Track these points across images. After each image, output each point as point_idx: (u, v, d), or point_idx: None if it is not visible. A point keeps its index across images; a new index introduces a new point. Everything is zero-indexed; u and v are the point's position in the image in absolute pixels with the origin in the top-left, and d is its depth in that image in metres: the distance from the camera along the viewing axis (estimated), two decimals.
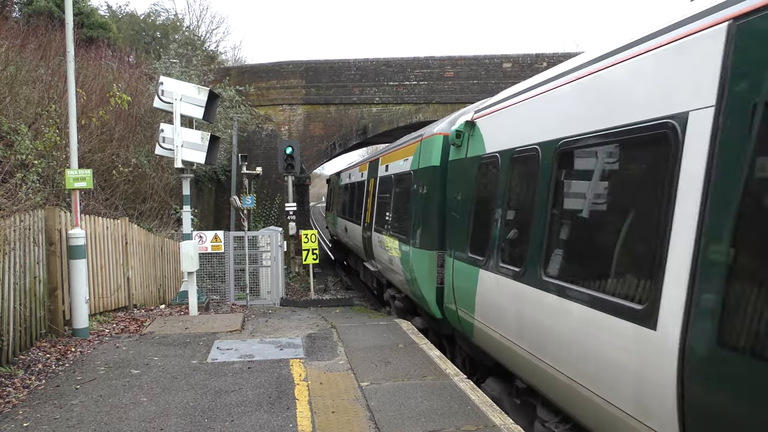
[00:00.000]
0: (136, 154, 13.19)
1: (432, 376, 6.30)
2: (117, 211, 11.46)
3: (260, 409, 5.33)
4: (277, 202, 20.69)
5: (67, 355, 7.03)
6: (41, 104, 10.51)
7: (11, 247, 6.41)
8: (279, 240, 13.13)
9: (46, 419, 5.07)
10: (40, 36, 13.61)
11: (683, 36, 3.38)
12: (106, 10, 25.43)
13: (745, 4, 2.95)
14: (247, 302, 11.71)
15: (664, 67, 3.53)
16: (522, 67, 20.96)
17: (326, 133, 22.26)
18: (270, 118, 22.06)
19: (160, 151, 9.62)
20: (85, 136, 11.00)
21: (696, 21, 3.29)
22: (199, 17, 31.54)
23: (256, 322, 9.70)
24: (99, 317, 8.89)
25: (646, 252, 3.48)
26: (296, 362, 6.92)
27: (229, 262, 12.26)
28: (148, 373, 6.43)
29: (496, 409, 5.31)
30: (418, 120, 21.20)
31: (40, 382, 6.02)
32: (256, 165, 19.51)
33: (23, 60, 11.49)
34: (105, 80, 13.93)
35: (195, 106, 9.55)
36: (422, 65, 21.75)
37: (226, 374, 6.41)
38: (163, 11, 28.98)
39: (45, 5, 17.82)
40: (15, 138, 9.18)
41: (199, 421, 5.05)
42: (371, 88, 21.82)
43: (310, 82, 21.91)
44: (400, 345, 7.77)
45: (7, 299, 6.23)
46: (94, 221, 8.97)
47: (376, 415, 5.16)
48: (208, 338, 8.09)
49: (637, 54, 3.82)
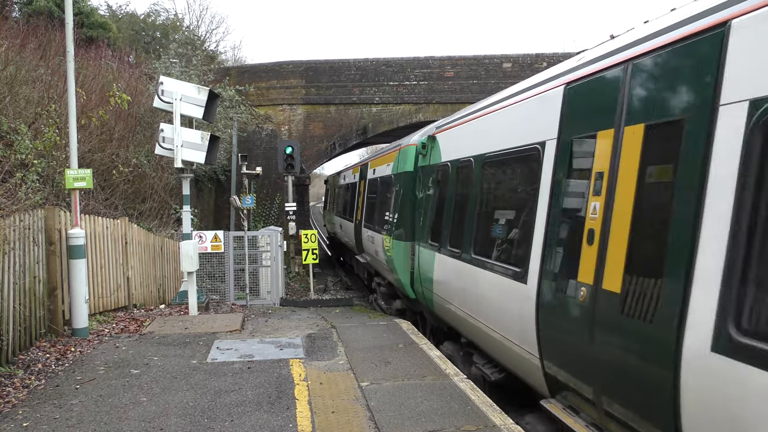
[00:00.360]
0: (136, 154, 13.19)
1: (432, 376, 6.31)
2: (117, 211, 11.45)
3: (260, 409, 5.33)
4: (276, 202, 20.67)
5: (67, 354, 7.03)
6: (41, 104, 10.51)
7: (11, 246, 6.41)
8: (279, 240, 13.12)
9: (45, 419, 5.06)
10: (40, 36, 13.60)
11: (543, 91, 5.19)
12: (105, 10, 25.42)
13: (572, 75, 4.69)
14: (247, 302, 11.70)
15: (535, 110, 5.38)
16: (522, 67, 20.92)
17: (326, 133, 22.23)
18: (270, 118, 22.05)
19: (160, 150, 9.61)
20: (84, 136, 10.99)
21: (551, 82, 5.09)
22: (199, 17, 31.60)
23: (256, 322, 9.70)
24: (99, 317, 8.88)
25: (525, 234, 5.18)
26: (296, 362, 6.92)
27: (229, 261, 12.26)
28: (147, 372, 6.43)
29: (496, 409, 5.31)
30: (418, 120, 21.17)
31: (39, 382, 6.02)
32: (255, 165, 19.49)
33: (23, 60, 11.48)
34: (105, 80, 13.92)
35: (195, 106, 9.55)
36: (422, 65, 21.71)
37: (226, 374, 6.40)
38: (163, 11, 28.99)
39: (45, 5, 17.80)
40: (15, 138, 9.18)
41: (198, 421, 5.05)
42: (371, 88, 21.80)
43: (310, 82, 21.88)
44: (400, 345, 7.77)
45: (6, 299, 6.22)
46: (94, 221, 8.96)
47: (376, 415, 5.16)
48: (207, 338, 8.09)
49: (522, 99, 5.69)
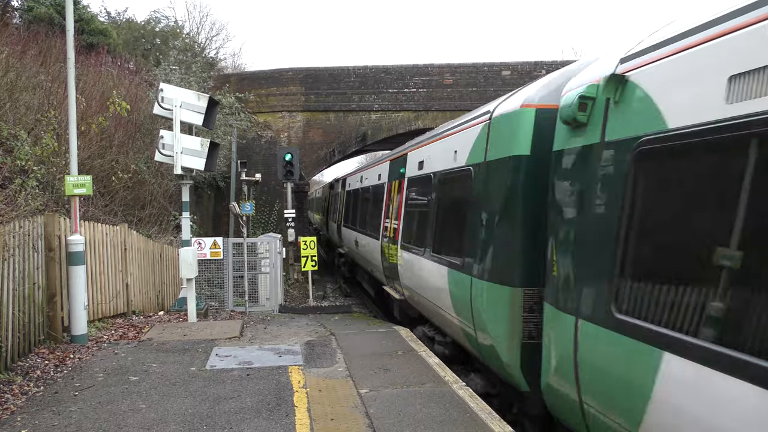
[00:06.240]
0: (135, 161, 13.21)
1: (431, 384, 6.30)
2: (116, 218, 11.46)
3: (259, 416, 5.32)
4: (276, 209, 20.67)
5: (66, 361, 7.01)
6: (41, 110, 10.54)
7: (10, 253, 6.41)
8: (278, 247, 13.12)
9: (44, 426, 5.05)
10: (41, 42, 13.65)
11: (472, 126, 6.70)
12: (105, 17, 25.44)
13: (495, 111, 6.07)
14: (246, 309, 11.69)
15: (465, 139, 6.87)
16: (521, 75, 21.01)
17: (325, 140, 22.28)
18: (269, 125, 22.10)
19: (160, 157, 9.62)
20: (84, 143, 11.01)
21: (479, 117, 6.53)
22: (199, 24, 31.56)
23: (255, 328, 9.69)
24: (98, 324, 8.87)
25: (462, 234, 6.60)
26: (295, 369, 6.91)
27: (228, 268, 12.26)
28: (146, 379, 6.42)
29: (495, 416, 5.31)
30: (417, 127, 21.22)
31: (38, 389, 6.00)
32: (255, 172, 19.50)
33: (23, 66, 11.52)
34: (105, 86, 13.96)
35: (195, 113, 9.57)
36: (421, 72, 21.79)
37: (225, 381, 6.39)
38: (163, 18, 28.93)
39: (45, 12, 17.85)
40: (15, 144, 9.20)
41: (197, 428, 5.04)
42: (370, 96, 21.86)
43: (309, 89, 21.95)
44: (399, 352, 7.77)
45: (5, 305, 6.21)
46: (94, 227, 8.96)
47: (375, 423, 5.15)
48: (206, 345, 8.07)
49: (457, 131, 7.37)
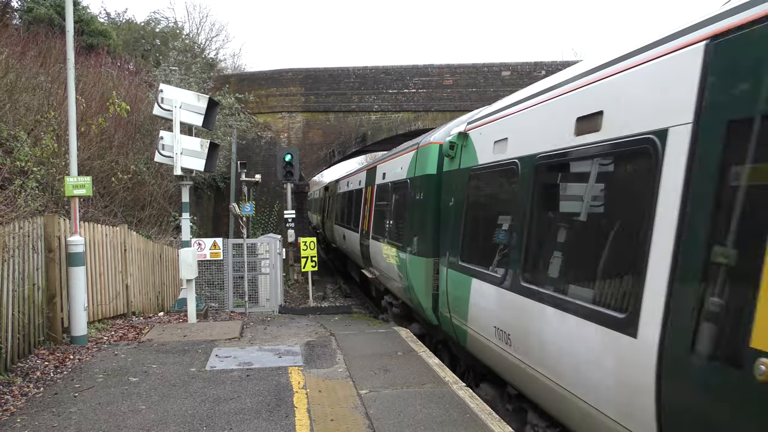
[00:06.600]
0: (135, 162, 13.21)
1: (431, 384, 6.30)
2: (116, 218, 11.46)
3: (259, 417, 5.31)
4: (276, 210, 20.67)
5: (66, 362, 7.01)
6: (41, 111, 10.54)
7: (10, 254, 6.41)
8: (278, 247, 13.13)
9: (44, 427, 5.05)
10: (41, 43, 13.65)
11: (410, 151, 8.47)
12: (105, 18, 25.43)
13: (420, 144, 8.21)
14: (246, 310, 11.69)
15: (405, 160, 8.80)
16: (521, 75, 21.01)
17: (325, 140, 22.27)
18: (269, 125, 22.09)
19: (160, 158, 9.62)
20: (84, 143, 11.01)
21: (413, 146, 7.97)
22: (199, 25, 31.52)
23: (255, 329, 9.69)
24: (97, 324, 8.87)
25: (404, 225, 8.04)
26: (295, 370, 6.91)
27: (228, 269, 12.26)
28: (146, 380, 6.41)
29: (495, 417, 5.31)
30: (417, 128, 21.23)
31: (38, 390, 6.00)
32: (255, 172, 19.52)
33: (23, 67, 11.52)
34: (105, 87, 13.96)
35: (194, 114, 9.57)
36: (421, 73, 21.78)
37: (225, 382, 6.39)
38: (163, 19, 28.91)
39: (45, 13, 17.85)
40: (14, 145, 9.20)
41: (197, 429, 5.04)
42: (370, 96, 21.86)
43: (309, 90, 21.94)
44: (399, 352, 7.76)
45: (5, 306, 6.21)
46: (93, 228, 8.96)
47: (375, 423, 5.15)
48: (206, 346, 8.07)
49: (403, 153, 9.42)
